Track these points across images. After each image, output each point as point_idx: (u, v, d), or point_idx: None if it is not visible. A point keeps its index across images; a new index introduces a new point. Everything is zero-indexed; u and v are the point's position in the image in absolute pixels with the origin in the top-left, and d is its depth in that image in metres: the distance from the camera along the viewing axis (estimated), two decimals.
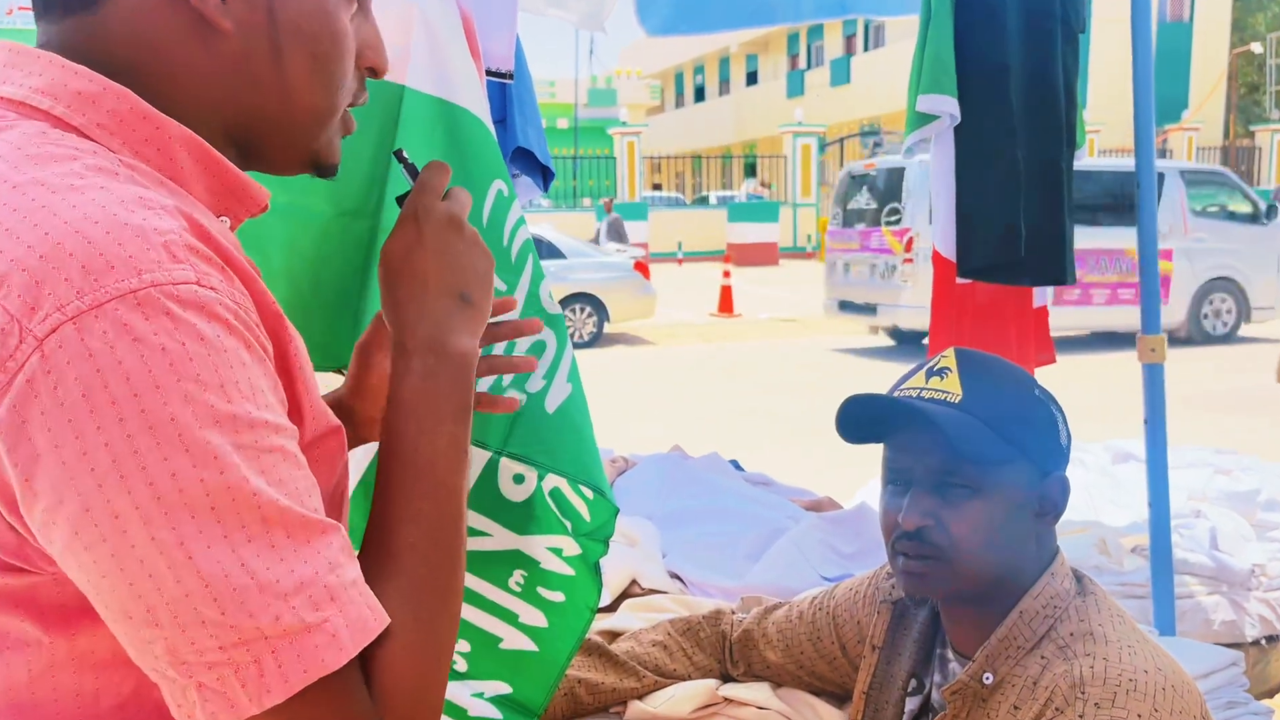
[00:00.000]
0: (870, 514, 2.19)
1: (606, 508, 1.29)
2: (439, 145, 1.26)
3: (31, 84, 0.63)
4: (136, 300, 0.53)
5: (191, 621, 0.54)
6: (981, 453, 1.08)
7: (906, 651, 1.27)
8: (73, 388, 0.52)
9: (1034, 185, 2.13)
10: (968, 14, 2.07)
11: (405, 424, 0.72)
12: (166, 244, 0.56)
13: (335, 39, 0.70)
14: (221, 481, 0.54)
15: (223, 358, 0.56)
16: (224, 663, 0.55)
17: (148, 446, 0.53)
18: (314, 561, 0.58)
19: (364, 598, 0.60)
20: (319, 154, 0.73)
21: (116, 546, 0.53)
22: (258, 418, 0.57)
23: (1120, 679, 1.02)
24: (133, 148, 0.63)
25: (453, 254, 0.78)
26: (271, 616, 0.55)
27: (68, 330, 0.53)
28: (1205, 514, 2.52)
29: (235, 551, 0.55)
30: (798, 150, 21.93)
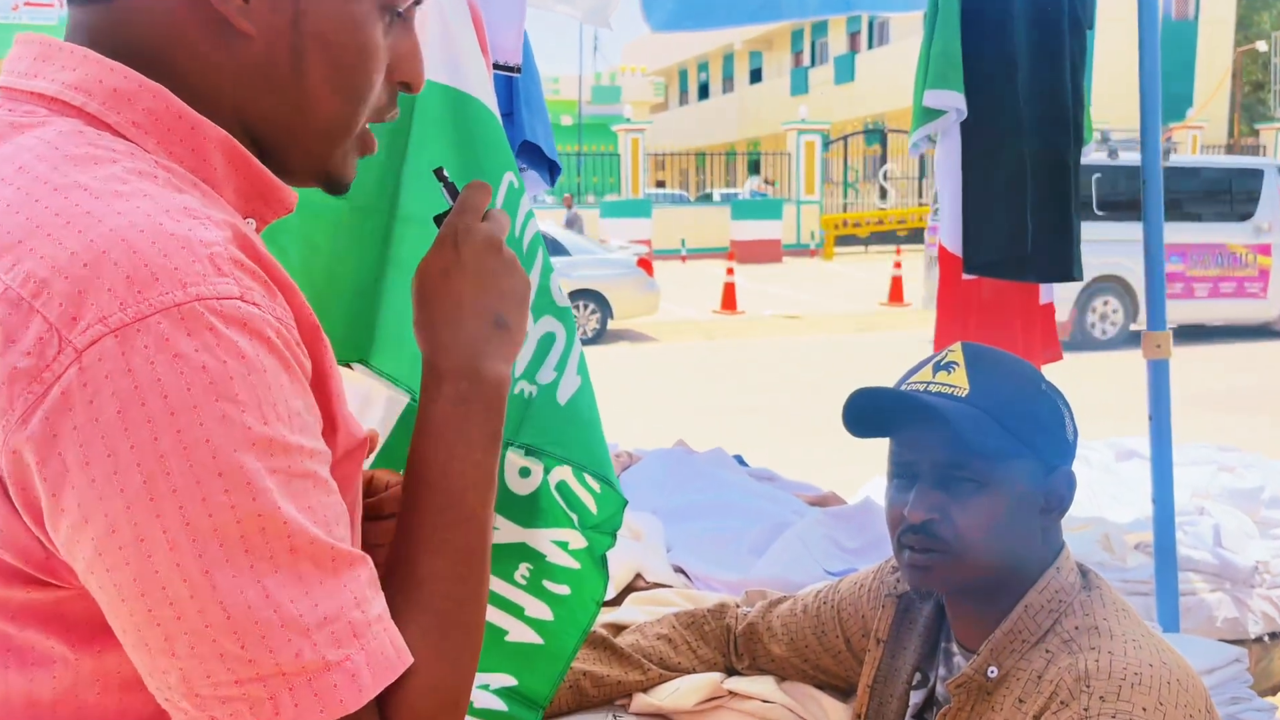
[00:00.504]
0: (874, 509, 2.19)
1: (615, 500, 1.30)
2: (452, 135, 1.26)
3: (65, 79, 0.61)
4: (180, 315, 0.52)
5: (209, 654, 0.53)
6: (988, 447, 1.08)
7: (911, 645, 1.27)
8: (108, 404, 0.51)
9: (1041, 181, 2.13)
10: (975, 9, 2.07)
11: (435, 450, 0.70)
12: (212, 256, 0.55)
13: (362, 51, 0.67)
14: (253, 509, 0.53)
15: (262, 378, 0.54)
16: (239, 698, 0.53)
17: (180, 469, 0.51)
18: (340, 595, 0.56)
19: (388, 634, 0.58)
20: (332, 169, 0.71)
21: (140, 570, 0.52)
22: (293, 442, 0.55)
23: (1125, 673, 1.02)
24: (167, 148, 0.62)
25: (490, 277, 0.76)
26: (292, 653, 0.53)
27: (109, 343, 0.51)
28: (1209, 511, 2.52)
29: (261, 583, 0.53)
30: (801, 147, 21.90)
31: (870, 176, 23.16)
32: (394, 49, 0.71)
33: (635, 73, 33.47)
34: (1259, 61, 29.06)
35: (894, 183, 21.64)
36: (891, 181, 21.57)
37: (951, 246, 2.19)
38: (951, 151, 2.16)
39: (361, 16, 0.67)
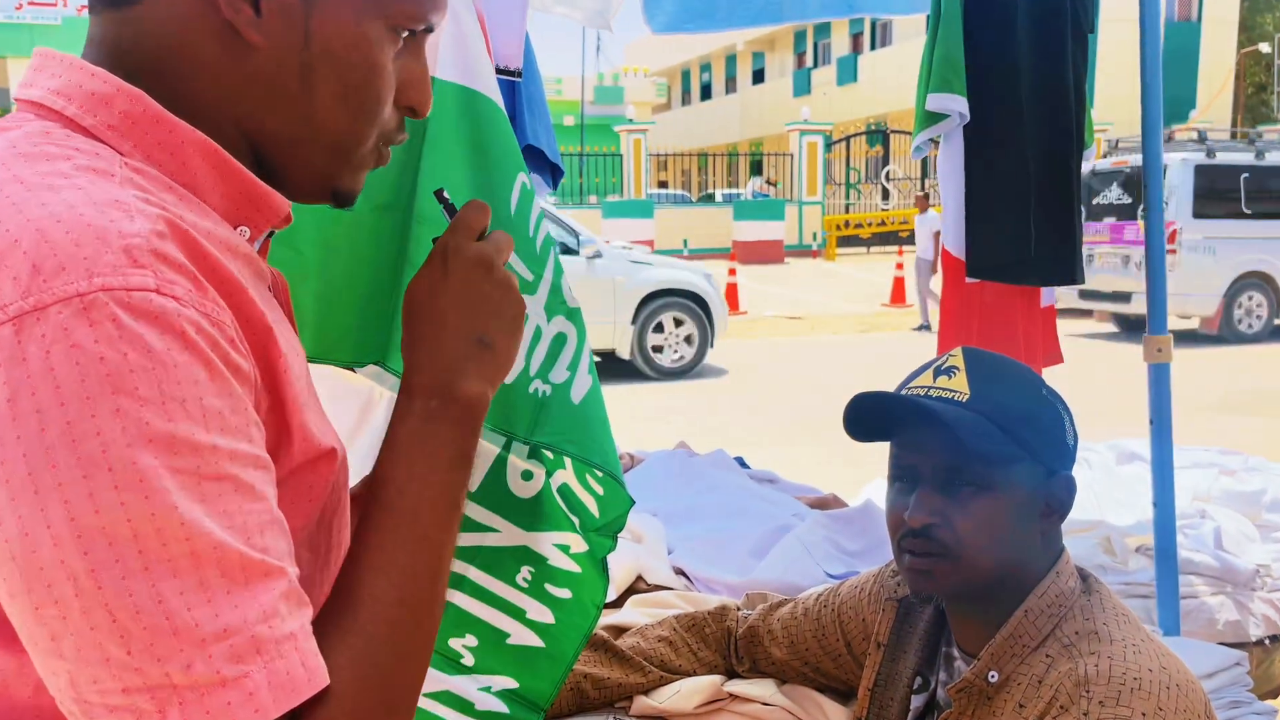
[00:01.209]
0: (875, 512, 2.19)
1: (620, 502, 1.30)
2: (466, 135, 1.26)
3: (49, 85, 0.62)
4: (83, 304, 0.51)
5: (95, 658, 0.50)
6: (989, 451, 1.09)
7: (912, 649, 1.27)
8: (0, 393, 0.50)
9: (1043, 185, 2.13)
10: (978, 13, 2.07)
11: (395, 468, 0.68)
12: (128, 247, 0.53)
13: (371, 70, 0.67)
14: (145, 508, 0.50)
15: (169, 373, 0.52)
16: (125, 707, 0.50)
17: (67, 463, 0.49)
18: (245, 607, 0.52)
19: (300, 653, 0.54)
20: (339, 185, 0.71)
21: (25, 565, 0.50)
22: (203, 441, 0.52)
23: (1125, 677, 1.02)
24: (144, 151, 0.62)
25: (477, 295, 0.75)
26: (182, 664, 0.50)
27: (5, 331, 0.50)
28: (1210, 514, 2.51)
29: (153, 587, 0.50)
30: (804, 148, 21.89)
31: (872, 177, 23.16)
32: (402, 72, 0.71)
33: (638, 73, 33.47)
34: (1262, 63, 29.02)
35: (896, 184, 21.64)
36: (894, 182, 21.57)
37: (955, 250, 2.19)
38: (954, 155, 2.16)
39: (372, 36, 0.67)
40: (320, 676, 0.55)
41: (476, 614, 1.30)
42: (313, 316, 1.25)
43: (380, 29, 0.67)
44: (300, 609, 0.56)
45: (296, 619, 0.55)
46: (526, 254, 1.26)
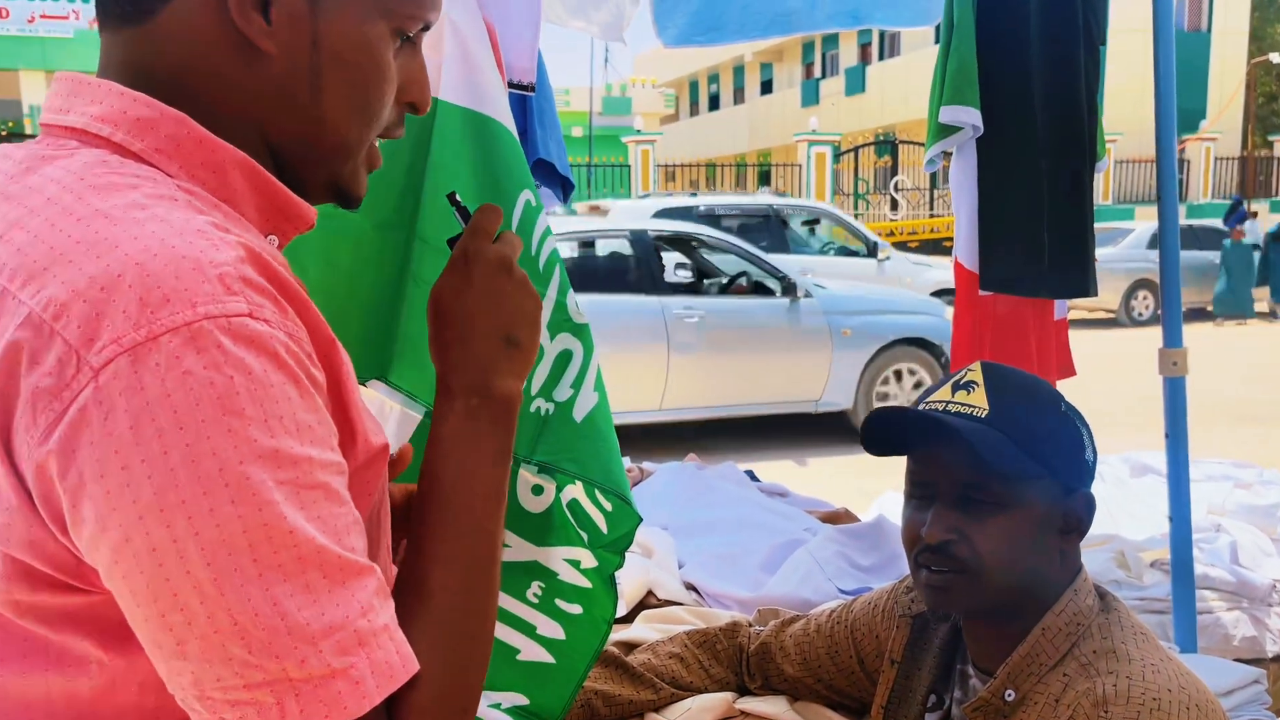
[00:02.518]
0: (888, 527, 2.18)
1: (628, 518, 1.29)
2: (469, 156, 1.27)
3: (92, 112, 0.65)
4: (190, 333, 0.54)
5: (218, 658, 0.55)
6: (1008, 468, 1.08)
7: (926, 667, 1.26)
8: (122, 420, 0.53)
9: (1057, 197, 2.12)
10: (990, 26, 2.07)
11: (445, 464, 0.73)
12: (221, 276, 0.57)
13: (375, 71, 0.70)
14: (259, 519, 0.55)
15: (268, 392, 0.56)
16: (247, 701, 0.55)
17: (189, 481, 0.54)
18: (347, 605, 0.57)
19: (394, 643, 0.60)
20: (344, 184, 0.74)
21: (152, 578, 0.54)
22: (300, 454, 0.57)
23: (1144, 697, 1.01)
24: (189, 171, 0.65)
25: (501, 296, 0.78)
26: (298, 659, 0.55)
27: (123, 362, 0.54)
28: (1225, 528, 2.49)
29: (268, 591, 0.55)
30: (812, 159, 21.87)
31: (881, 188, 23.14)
32: (403, 70, 0.74)
33: (646, 84, 33.57)
34: (1273, 73, 28.97)
35: (905, 194, 21.60)
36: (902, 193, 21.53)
37: (968, 263, 2.18)
38: (967, 168, 2.15)
39: (375, 38, 0.70)
40: (412, 662, 0.61)
41: None
42: None
43: (382, 29, 0.70)
44: (388, 602, 0.61)
45: (387, 612, 0.60)
46: (529, 274, 1.26)
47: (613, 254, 6.63)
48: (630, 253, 6.43)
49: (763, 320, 6.20)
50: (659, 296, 6.19)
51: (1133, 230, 13.95)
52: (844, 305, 6.52)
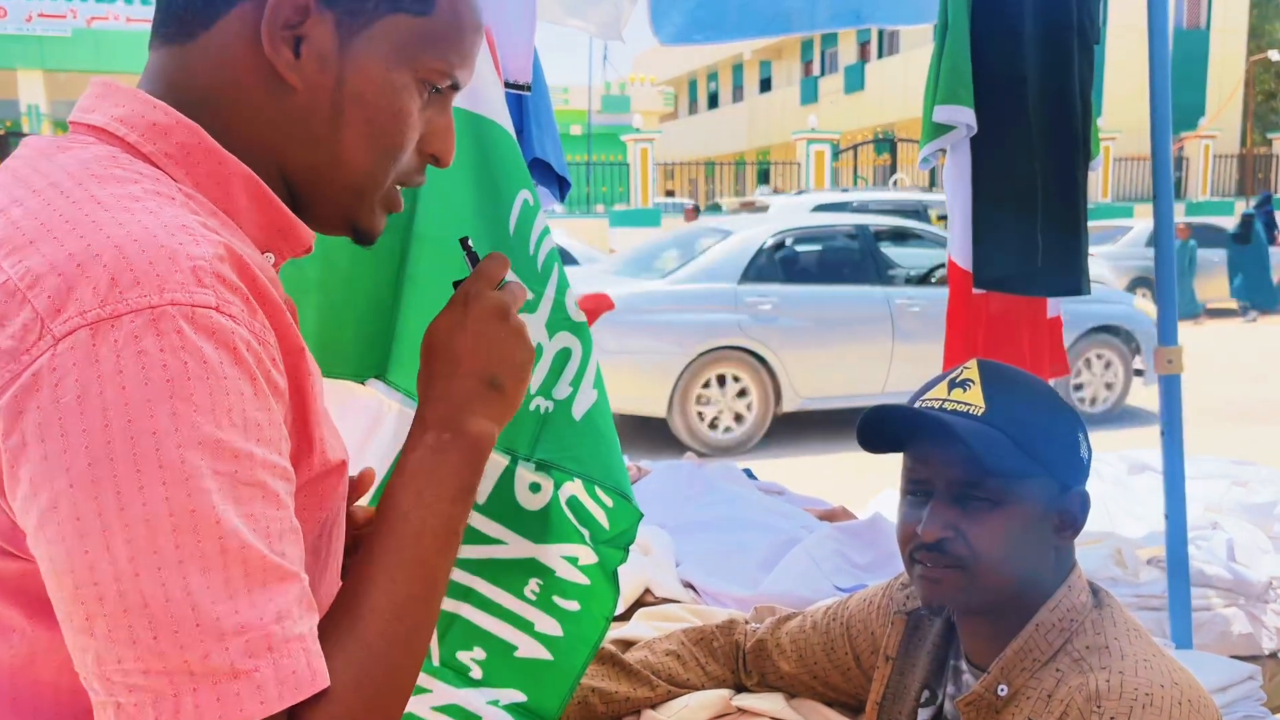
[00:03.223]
0: (884, 525, 2.19)
1: (629, 514, 1.30)
2: (467, 157, 1.28)
3: (113, 113, 0.68)
4: (153, 316, 0.56)
5: (123, 639, 0.54)
6: (1004, 466, 1.08)
7: (920, 663, 1.27)
8: (70, 388, 0.55)
9: (1050, 196, 2.12)
10: (984, 25, 2.07)
11: (404, 493, 0.73)
12: (195, 269, 0.58)
13: (396, 116, 0.73)
14: (187, 504, 0.55)
15: (221, 384, 0.57)
16: (144, 688, 0.55)
17: (124, 456, 0.54)
18: (263, 607, 0.57)
19: (306, 654, 0.59)
20: (359, 221, 0.76)
21: (71, 548, 0.55)
22: (243, 449, 0.57)
23: (1136, 693, 1.02)
24: (194, 179, 0.67)
25: (493, 340, 0.80)
26: (201, 653, 0.55)
27: (82, 335, 0.55)
28: (1222, 526, 2.50)
29: (184, 579, 0.55)
30: (811, 157, 21.87)
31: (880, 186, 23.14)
32: (429, 122, 0.77)
33: (645, 82, 33.55)
34: (1272, 70, 28.97)
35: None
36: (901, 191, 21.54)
37: (961, 261, 2.18)
38: (961, 166, 2.15)
39: (400, 85, 0.73)
40: (322, 677, 0.60)
41: (485, 626, 1.30)
42: (314, 332, 1.26)
43: (408, 79, 0.73)
44: (309, 613, 0.60)
45: (306, 622, 0.60)
46: (527, 272, 1.27)
47: (838, 248, 6.88)
48: (855, 246, 6.74)
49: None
50: (883, 287, 6.52)
51: (1131, 228, 13.97)
52: None
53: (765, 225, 6.66)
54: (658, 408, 6.14)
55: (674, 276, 6.32)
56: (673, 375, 6.06)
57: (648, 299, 6.16)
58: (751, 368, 6.23)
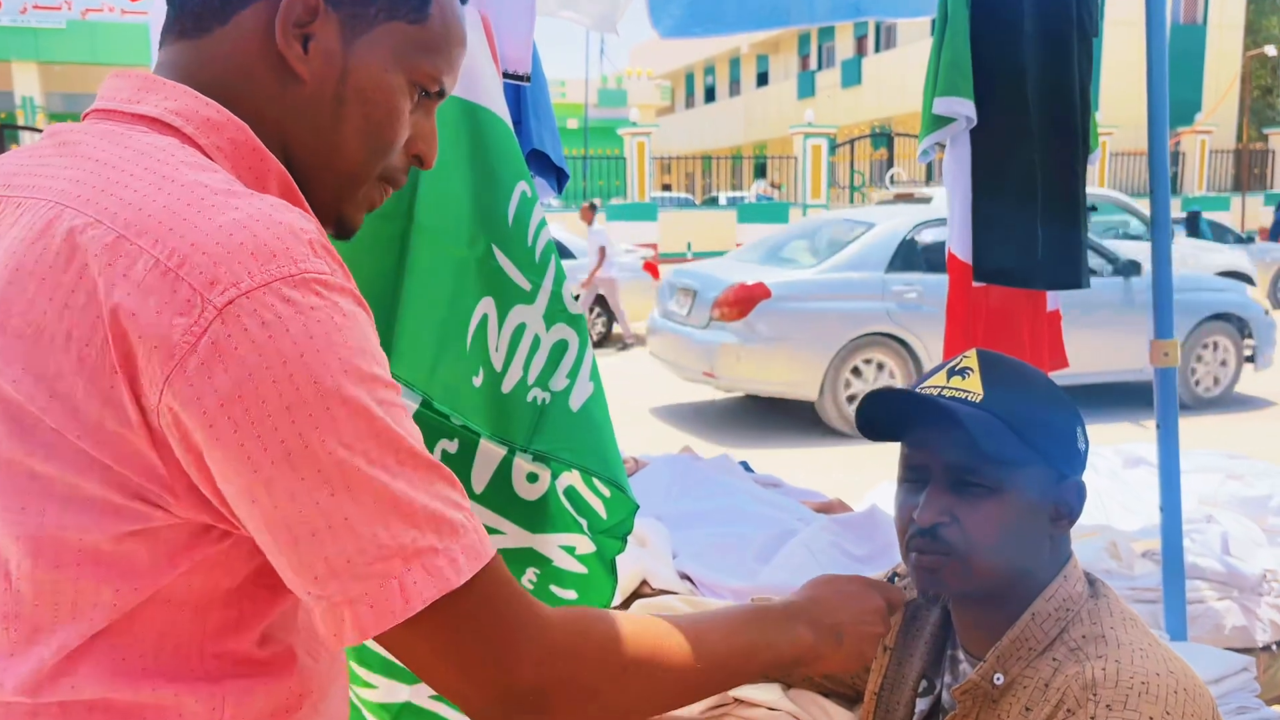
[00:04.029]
0: (880, 517, 2.19)
1: (625, 504, 1.31)
2: (465, 147, 1.27)
3: (167, 106, 0.74)
4: (295, 282, 0.65)
5: (349, 542, 0.65)
6: (1002, 453, 1.08)
7: (917, 653, 1.27)
8: (250, 348, 0.63)
9: (1050, 189, 2.12)
10: (984, 17, 2.07)
11: (761, 634, 0.90)
12: (310, 242, 0.67)
13: (391, 111, 0.80)
14: (370, 427, 0.66)
15: (360, 329, 0.67)
16: (372, 576, 0.65)
17: (313, 396, 0.64)
18: (442, 496, 0.69)
19: (477, 531, 0.71)
20: (345, 211, 0.84)
21: (290, 480, 0.64)
22: (384, 378, 0.68)
23: (1132, 681, 1.02)
24: (238, 172, 0.74)
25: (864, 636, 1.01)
26: (410, 538, 0.66)
27: (243, 302, 0.63)
28: (1217, 519, 2.51)
29: (386, 485, 0.66)
30: (808, 151, 21.87)
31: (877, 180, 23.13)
32: (416, 125, 0.84)
33: (642, 76, 33.50)
34: (1268, 66, 28.99)
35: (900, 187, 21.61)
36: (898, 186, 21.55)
37: (961, 254, 2.19)
38: (961, 159, 2.16)
39: (395, 85, 0.80)
40: (490, 549, 0.71)
41: None
42: None
43: (402, 81, 0.80)
44: (464, 495, 0.72)
45: (467, 504, 0.72)
46: (525, 263, 1.27)
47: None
48: None
49: (1105, 298, 6.75)
50: None
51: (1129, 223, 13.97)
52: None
53: (906, 216, 6.87)
54: (810, 392, 6.42)
55: (823, 266, 6.57)
56: (825, 361, 6.32)
57: (800, 287, 6.45)
58: (897, 353, 6.49)
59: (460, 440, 1.24)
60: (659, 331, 7.27)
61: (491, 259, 1.27)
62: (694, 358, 6.62)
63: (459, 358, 1.25)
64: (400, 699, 1.32)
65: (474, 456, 1.25)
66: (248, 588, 0.72)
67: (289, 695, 0.74)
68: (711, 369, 6.44)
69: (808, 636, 0.95)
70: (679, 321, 6.95)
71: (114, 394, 0.64)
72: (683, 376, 7.05)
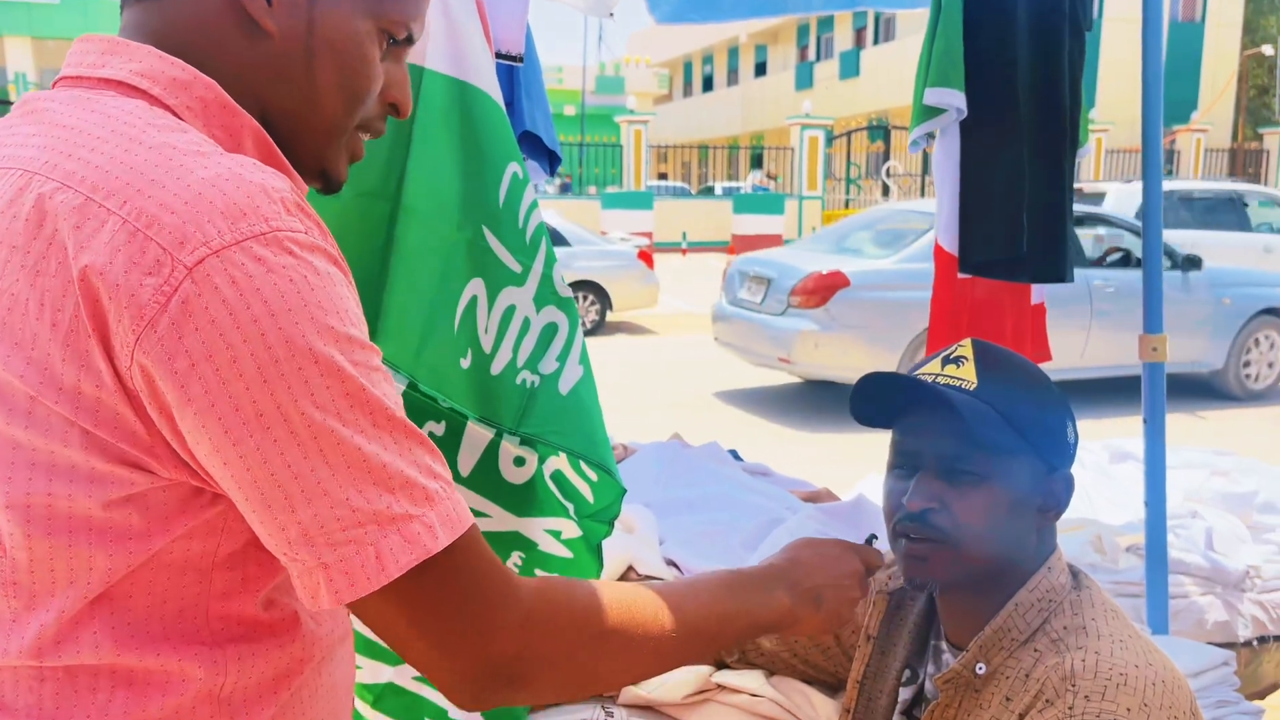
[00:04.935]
0: (867, 507, 2.20)
1: (613, 489, 1.31)
2: (456, 127, 1.27)
3: (132, 68, 0.72)
4: (267, 240, 0.63)
5: (323, 506, 0.64)
6: (993, 441, 1.09)
7: (901, 642, 1.28)
8: (221, 308, 0.62)
9: (1037, 183, 2.12)
10: (977, 8, 2.07)
11: (734, 601, 0.90)
12: (283, 200, 0.66)
13: (362, 61, 0.79)
14: (344, 388, 0.65)
15: (335, 289, 0.66)
16: (347, 541, 0.64)
17: (286, 356, 0.63)
18: (417, 462, 0.68)
19: (452, 499, 0.70)
20: (328, 165, 0.82)
21: (261, 440, 0.63)
22: (361, 339, 0.67)
23: (1111, 673, 1.03)
24: (210, 131, 0.72)
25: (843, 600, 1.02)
26: (386, 504, 0.65)
27: (213, 261, 0.62)
28: (1201, 515, 2.52)
29: (359, 449, 0.65)
30: (805, 142, 21.84)
31: (873, 173, 23.13)
32: (388, 73, 0.82)
33: (639, 64, 33.40)
34: (1265, 65, 29.02)
35: (897, 180, 21.60)
36: (894, 178, 21.54)
37: (947, 245, 2.19)
38: (950, 150, 2.15)
39: (364, 34, 0.79)
40: (468, 517, 0.71)
41: None
42: None
43: (370, 28, 0.79)
44: (444, 465, 0.71)
45: (445, 472, 0.71)
46: (515, 245, 1.26)
47: None
48: None
49: (1165, 292, 6.70)
50: (1081, 269, 6.88)
51: None
52: (1226, 278, 7.36)
53: None
54: None
55: (898, 256, 6.63)
56: (901, 348, 6.38)
57: (877, 277, 6.51)
58: None
59: (447, 422, 1.24)
60: (726, 318, 7.26)
61: (482, 240, 1.27)
62: (769, 344, 6.64)
63: (446, 339, 1.25)
64: (383, 679, 1.32)
65: (461, 439, 1.25)
66: (251, 550, 0.71)
67: (290, 660, 0.74)
68: (788, 355, 6.46)
69: (786, 600, 0.95)
70: (751, 309, 6.95)
71: (89, 357, 0.63)
72: (752, 362, 7.08)
